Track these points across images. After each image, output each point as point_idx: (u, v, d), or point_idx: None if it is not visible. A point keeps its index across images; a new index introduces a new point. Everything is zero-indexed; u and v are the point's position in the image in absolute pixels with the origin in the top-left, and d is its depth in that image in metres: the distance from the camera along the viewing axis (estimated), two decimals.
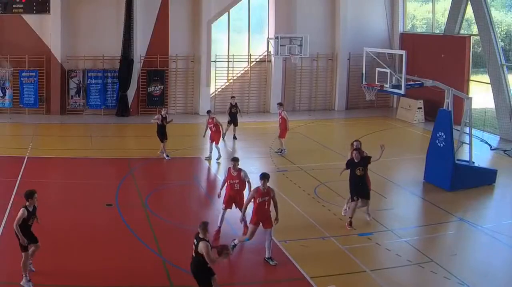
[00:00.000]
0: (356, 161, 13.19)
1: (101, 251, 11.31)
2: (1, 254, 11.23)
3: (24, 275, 9.97)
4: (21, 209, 10.12)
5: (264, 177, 11.25)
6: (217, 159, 18.86)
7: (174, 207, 14.59)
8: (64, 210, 13.87)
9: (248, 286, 10.74)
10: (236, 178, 12.46)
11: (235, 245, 11.52)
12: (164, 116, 18.80)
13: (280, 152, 19.73)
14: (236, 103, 22.32)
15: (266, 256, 11.21)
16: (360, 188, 13.15)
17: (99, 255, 11.19)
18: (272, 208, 11.37)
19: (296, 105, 28.77)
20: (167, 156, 18.69)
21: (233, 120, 22.02)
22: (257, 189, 11.28)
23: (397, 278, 10.87)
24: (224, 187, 12.68)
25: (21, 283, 9.94)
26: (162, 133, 18.83)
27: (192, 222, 13.59)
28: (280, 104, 20.77)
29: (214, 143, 18.86)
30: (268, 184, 11.29)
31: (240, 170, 12.54)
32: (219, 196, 12.74)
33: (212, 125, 18.81)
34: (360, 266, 11.02)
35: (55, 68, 25.55)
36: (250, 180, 12.51)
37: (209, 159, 18.93)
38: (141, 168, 18.19)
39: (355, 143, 14.11)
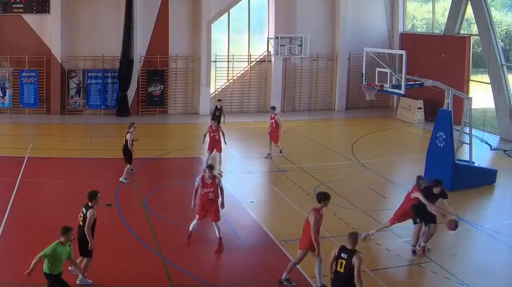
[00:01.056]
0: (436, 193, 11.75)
1: (101, 251, 11.27)
2: (1, 254, 11.21)
3: (83, 275, 9.99)
4: (91, 210, 9.83)
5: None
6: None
7: (174, 207, 14.58)
8: (64, 210, 13.84)
9: (248, 286, 10.74)
10: (211, 186, 11.65)
11: (287, 279, 10.40)
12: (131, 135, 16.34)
13: (280, 152, 19.48)
14: (222, 106, 21.59)
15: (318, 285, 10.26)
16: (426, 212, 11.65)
17: (99, 255, 11.15)
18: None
19: (296, 105, 28.77)
20: (126, 179, 16.07)
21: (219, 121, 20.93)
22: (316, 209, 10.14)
23: (397, 278, 10.88)
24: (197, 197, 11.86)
25: (78, 281, 9.98)
26: (130, 153, 16.26)
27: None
28: (273, 108, 20.38)
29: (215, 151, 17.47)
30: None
31: (214, 177, 11.75)
32: (193, 208, 11.86)
33: (216, 133, 17.48)
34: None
35: (55, 68, 25.54)
36: (223, 186, 11.88)
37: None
38: (141, 168, 18.19)
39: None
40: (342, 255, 8.34)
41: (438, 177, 16.11)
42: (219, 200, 11.77)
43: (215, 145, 17.38)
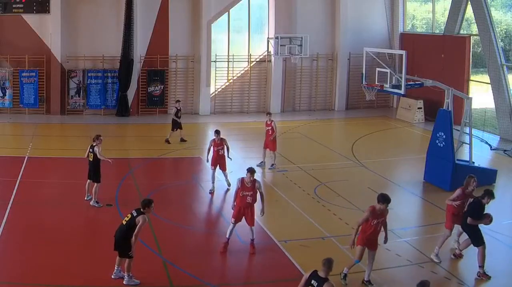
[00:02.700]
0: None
1: (101, 251, 11.30)
2: (1, 254, 11.21)
3: (128, 275, 10.10)
4: (142, 217, 9.82)
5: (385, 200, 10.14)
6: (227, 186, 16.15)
7: (174, 207, 14.58)
8: (64, 210, 13.87)
9: (248, 286, 10.74)
10: (250, 189, 11.52)
11: (345, 275, 10.48)
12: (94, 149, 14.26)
13: (271, 166, 18.00)
14: (181, 108, 21.29)
15: (365, 278, 10.44)
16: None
17: (99, 255, 11.18)
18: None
19: (296, 105, 28.77)
20: (97, 202, 14.14)
21: (177, 126, 20.88)
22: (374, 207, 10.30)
23: (397, 278, 10.88)
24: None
25: (125, 282, 10.08)
26: (97, 171, 14.26)
27: (192, 222, 13.66)
28: (270, 113, 18.96)
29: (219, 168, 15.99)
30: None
31: (255, 181, 11.58)
32: (233, 207, 11.79)
33: (220, 147, 15.97)
34: (360, 266, 11.01)
35: (55, 68, 25.55)
36: (263, 191, 11.87)
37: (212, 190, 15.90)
38: (141, 168, 18.19)
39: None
40: (313, 282, 7.79)
41: (438, 177, 16.26)
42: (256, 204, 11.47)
43: (219, 161, 15.77)
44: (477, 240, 10.94)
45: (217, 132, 15.99)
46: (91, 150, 14.14)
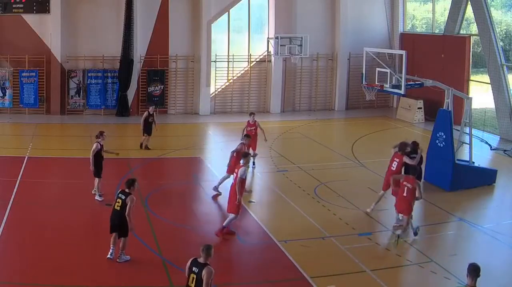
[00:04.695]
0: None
1: (102, 251, 11.29)
2: (1, 254, 11.21)
3: (121, 252, 10.89)
4: (130, 198, 10.71)
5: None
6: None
7: (174, 207, 14.59)
8: (64, 209, 13.88)
9: (248, 286, 10.73)
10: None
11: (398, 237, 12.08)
12: (101, 145, 14.71)
13: (253, 164, 17.66)
14: (154, 112, 19.97)
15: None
16: None
17: (99, 255, 11.18)
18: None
19: (296, 105, 28.78)
20: (100, 196, 14.63)
21: (147, 131, 19.72)
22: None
23: (397, 278, 10.88)
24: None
25: (119, 260, 10.87)
26: (99, 165, 14.67)
27: (192, 222, 13.66)
28: (253, 113, 18.56)
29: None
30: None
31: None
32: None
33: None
34: (360, 266, 11.02)
35: (55, 68, 25.55)
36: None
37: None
38: (141, 168, 18.19)
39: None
40: (194, 269, 7.92)
41: (438, 177, 16.26)
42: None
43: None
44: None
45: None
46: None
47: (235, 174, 12.37)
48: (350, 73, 28.69)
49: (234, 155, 14.81)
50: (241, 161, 12.61)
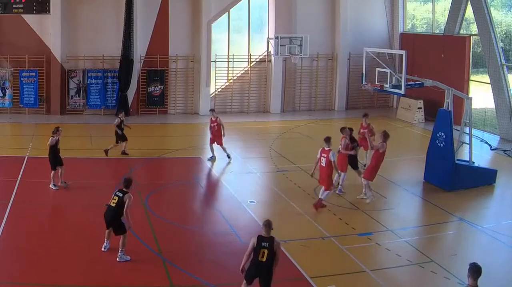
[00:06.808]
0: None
1: (102, 251, 11.31)
2: (1, 254, 11.21)
3: (121, 251, 10.96)
4: (127, 196, 10.94)
5: None
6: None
7: (174, 206, 14.59)
8: (64, 209, 13.88)
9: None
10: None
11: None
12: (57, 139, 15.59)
13: (228, 157, 18.78)
14: (124, 119, 19.68)
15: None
16: None
17: (99, 255, 11.19)
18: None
19: (296, 105, 28.78)
20: (55, 185, 15.25)
21: (122, 138, 19.19)
22: None
23: (397, 278, 10.88)
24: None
25: (118, 259, 10.92)
26: (56, 157, 15.51)
27: (192, 222, 13.66)
28: (213, 110, 19.42)
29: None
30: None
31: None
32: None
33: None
34: (360, 266, 11.02)
35: (55, 68, 25.54)
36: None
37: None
38: (141, 168, 18.19)
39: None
40: (263, 244, 8.80)
41: (438, 177, 16.26)
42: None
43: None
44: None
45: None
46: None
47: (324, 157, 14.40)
48: (350, 73, 28.69)
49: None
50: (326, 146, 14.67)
